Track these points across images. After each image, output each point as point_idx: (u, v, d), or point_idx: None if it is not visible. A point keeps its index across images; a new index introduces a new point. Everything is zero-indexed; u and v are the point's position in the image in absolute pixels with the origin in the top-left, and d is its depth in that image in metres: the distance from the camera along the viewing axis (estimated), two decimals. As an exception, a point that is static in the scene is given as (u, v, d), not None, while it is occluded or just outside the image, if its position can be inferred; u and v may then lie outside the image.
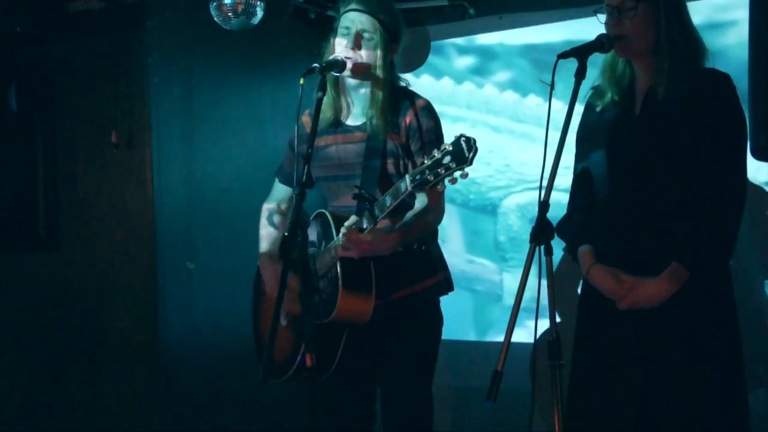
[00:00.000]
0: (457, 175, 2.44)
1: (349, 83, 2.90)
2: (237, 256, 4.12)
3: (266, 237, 3.02)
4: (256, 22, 3.82)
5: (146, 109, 3.99)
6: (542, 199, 2.24)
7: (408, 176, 2.53)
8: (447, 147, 2.45)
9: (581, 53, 2.42)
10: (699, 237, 2.44)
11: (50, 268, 4.27)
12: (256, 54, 4.41)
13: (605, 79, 2.67)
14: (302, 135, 2.91)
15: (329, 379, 2.83)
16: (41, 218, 4.26)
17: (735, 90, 2.52)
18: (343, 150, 2.90)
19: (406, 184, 2.52)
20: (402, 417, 2.88)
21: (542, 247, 2.22)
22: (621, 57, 2.61)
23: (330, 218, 2.81)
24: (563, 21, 4.12)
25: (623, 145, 2.59)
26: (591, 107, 2.72)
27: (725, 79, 2.53)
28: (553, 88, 2.34)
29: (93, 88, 4.13)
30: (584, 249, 2.65)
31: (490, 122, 4.39)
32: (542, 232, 2.21)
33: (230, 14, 3.76)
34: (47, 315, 4.27)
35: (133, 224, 4.04)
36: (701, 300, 2.48)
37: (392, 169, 2.84)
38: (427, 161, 2.48)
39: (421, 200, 2.81)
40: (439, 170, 2.45)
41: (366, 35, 2.81)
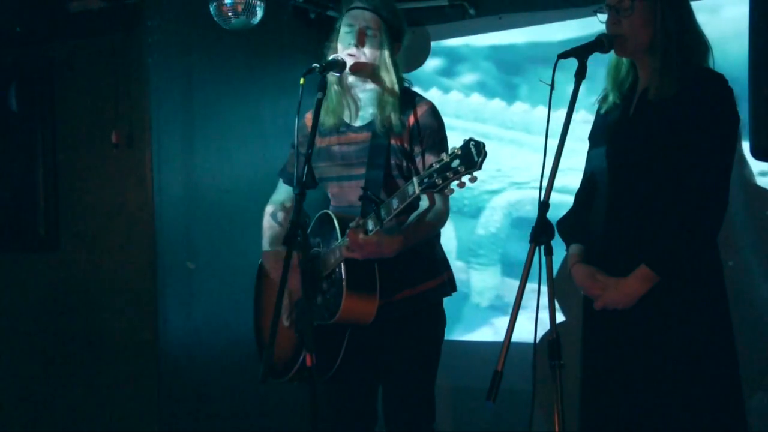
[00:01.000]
0: (466, 180, 2.41)
1: (353, 82, 2.88)
2: (237, 256, 4.12)
3: (270, 234, 3.01)
4: (256, 22, 3.82)
5: (146, 109, 3.98)
6: (542, 199, 2.23)
7: (416, 179, 2.50)
8: (456, 150, 2.41)
9: (581, 53, 2.41)
10: (667, 239, 2.42)
11: (50, 268, 4.26)
12: (256, 54, 4.41)
13: (609, 82, 2.67)
14: (304, 135, 2.90)
15: (331, 379, 2.82)
16: (41, 218, 4.25)
17: (727, 90, 2.48)
18: (347, 150, 2.89)
19: (414, 188, 2.50)
20: (404, 417, 2.88)
21: (542, 247, 2.21)
22: (620, 56, 2.61)
23: (334, 219, 2.80)
24: (563, 21, 4.12)
25: (618, 147, 2.58)
26: (598, 110, 2.73)
27: (717, 80, 2.49)
28: (553, 88, 2.33)
29: (93, 88, 4.12)
30: (573, 248, 2.66)
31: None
32: (542, 232, 2.21)
33: (230, 14, 3.76)
34: (47, 315, 4.26)
35: (133, 224, 4.04)
36: (692, 300, 2.46)
37: (396, 171, 2.83)
38: (436, 164, 2.44)
39: (427, 201, 2.78)
40: (448, 174, 2.41)
41: (369, 32, 2.81)
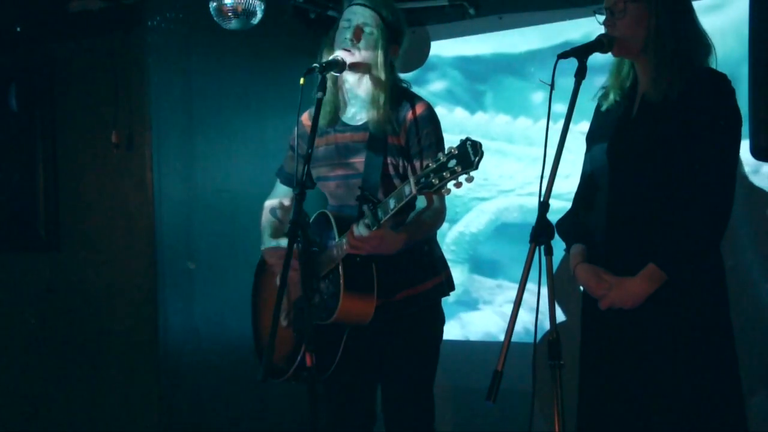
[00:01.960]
0: (463, 179, 2.41)
1: (348, 81, 2.88)
2: (237, 257, 4.12)
3: (270, 230, 3.00)
4: (256, 22, 3.82)
5: (146, 109, 3.98)
6: (542, 199, 2.23)
7: (412, 179, 2.49)
8: (453, 150, 2.41)
9: (581, 53, 2.41)
10: (676, 239, 2.42)
11: (50, 268, 4.26)
12: (256, 54, 4.41)
13: (611, 80, 2.67)
14: (302, 135, 2.90)
15: (330, 379, 2.82)
16: (41, 218, 4.25)
17: (729, 91, 2.47)
18: (344, 150, 2.89)
19: (411, 188, 2.49)
20: (403, 417, 2.88)
21: (542, 247, 2.21)
22: (617, 57, 2.61)
23: (332, 219, 2.80)
24: (563, 21, 4.12)
25: (619, 147, 2.58)
26: (598, 108, 2.72)
27: (720, 80, 2.48)
28: (553, 88, 2.33)
29: (93, 88, 4.12)
30: (575, 248, 2.66)
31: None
32: (542, 232, 2.21)
33: (230, 14, 3.76)
34: (47, 315, 4.26)
35: (133, 224, 4.04)
36: (692, 300, 2.46)
37: (393, 170, 2.83)
38: (432, 164, 2.44)
39: (425, 201, 2.78)
40: (444, 174, 2.41)
41: (367, 29, 2.81)
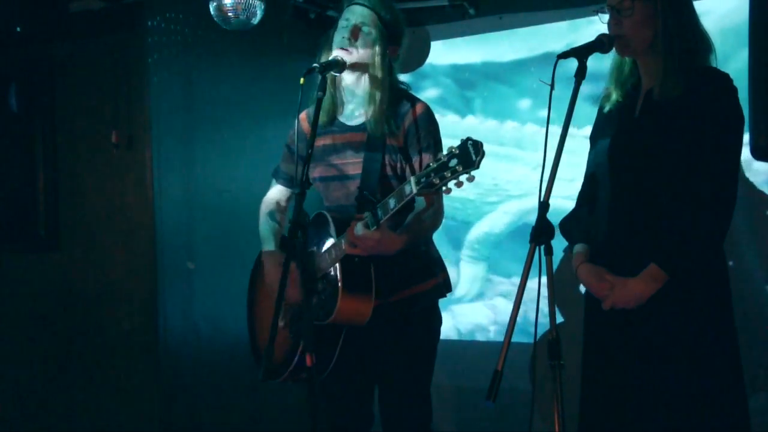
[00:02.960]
0: (464, 179, 2.40)
1: (346, 80, 2.88)
2: (237, 257, 4.11)
3: (268, 234, 3.00)
4: (256, 22, 3.82)
5: (146, 109, 3.99)
6: (542, 199, 2.23)
7: (413, 178, 2.49)
8: (453, 150, 2.41)
9: (581, 53, 2.40)
10: (677, 238, 2.42)
11: (50, 268, 4.26)
12: (256, 54, 4.41)
13: (612, 81, 2.67)
14: (301, 135, 2.90)
15: (327, 380, 2.82)
16: (41, 218, 4.25)
17: (732, 90, 2.47)
18: (342, 150, 2.89)
19: (411, 187, 2.49)
20: (401, 417, 2.87)
21: (542, 247, 2.21)
22: (621, 56, 2.61)
23: (330, 219, 2.79)
24: (563, 21, 4.12)
25: (622, 146, 2.58)
26: (601, 109, 2.72)
27: (722, 79, 2.48)
28: (553, 88, 2.33)
29: (93, 88, 4.12)
30: (578, 248, 2.66)
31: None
32: (542, 232, 2.20)
33: (230, 14, 3.76)
34: (47, 315, 4.26)
35: (133, 224, 4.04)
36: (694, 299, 2.46)
37: (390, 171, 2.82)
38: (433, 164, 2.43)
39: (422, 201, 2.77)
40: (445, 173, 2.40)
41: (365, 29, 2.81)
